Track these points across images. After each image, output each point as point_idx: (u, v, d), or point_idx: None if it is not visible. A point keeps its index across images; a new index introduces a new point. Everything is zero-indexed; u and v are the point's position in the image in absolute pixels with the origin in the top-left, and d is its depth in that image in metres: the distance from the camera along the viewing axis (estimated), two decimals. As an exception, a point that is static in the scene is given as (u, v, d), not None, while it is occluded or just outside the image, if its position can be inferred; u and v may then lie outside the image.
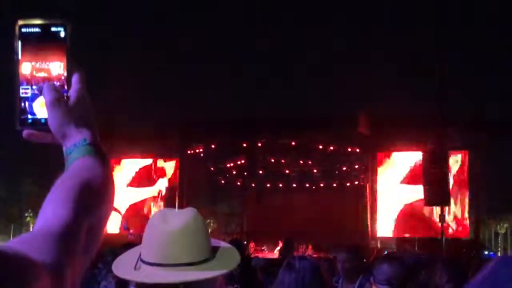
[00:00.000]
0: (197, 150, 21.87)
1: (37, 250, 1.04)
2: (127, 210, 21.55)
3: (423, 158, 17.02)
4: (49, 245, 1.08)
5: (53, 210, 1.18)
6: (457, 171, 18.49)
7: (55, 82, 1.32)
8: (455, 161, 18.23)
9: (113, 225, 21.41)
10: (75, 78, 1.33)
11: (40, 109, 1.31)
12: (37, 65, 1.32)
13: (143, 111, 18.48)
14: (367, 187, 20.36)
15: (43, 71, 1.32)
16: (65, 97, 1.31)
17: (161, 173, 21.91)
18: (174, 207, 18.45)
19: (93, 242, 1.23)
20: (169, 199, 19.97)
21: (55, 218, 1.15)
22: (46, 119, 1.29)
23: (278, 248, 18.75)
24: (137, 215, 20.86)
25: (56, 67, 1.33)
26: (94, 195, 1.25)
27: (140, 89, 17.63)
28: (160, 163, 22.15)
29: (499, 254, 18.27)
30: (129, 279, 1.87)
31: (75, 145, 1.31)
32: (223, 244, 2.04)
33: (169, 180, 20.94)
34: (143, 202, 21.75)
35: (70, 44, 1.33)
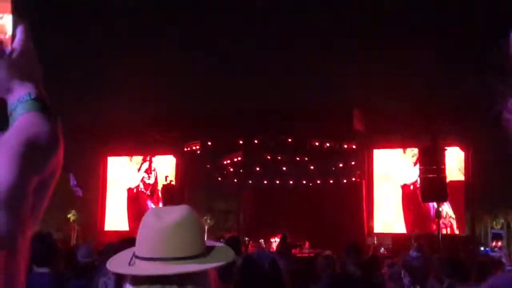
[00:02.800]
0: (194, 147, 21.90)
1: None
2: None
3: (419, 155, 17.08)
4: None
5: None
6: (453, 166, 18.53)
7: None
8: (451, 157, 18.26)
9: (123, 223, 21.54)
10: (19, 30, 1.27)
11: None
12: None
13: (140, 108, 18.37)
14: (363, 184, 20.42)
15: None
16: (8, 50, 1.26)
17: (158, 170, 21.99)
18: (171, 204, 18.44)
19: (40, 201, 1.20)
20: (166, 196, 19.99)
21: (1, 178, 1.11)
22: None
23: (274, 240, 18.81)
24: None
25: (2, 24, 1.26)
26: (40, 152, 1.21)
27: (137, 86, 17.54)
28: (157, 160, 22.21)
29: (495, 250, 18.29)
30: (123, 272, 1.88)
31: (19, 100, 1.26)
32: (218, 244, 2.06)
33: (166, 177, 20.97)
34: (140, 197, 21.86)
35: None
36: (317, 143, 20.75)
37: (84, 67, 18.58)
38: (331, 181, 23.25)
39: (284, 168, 23.36)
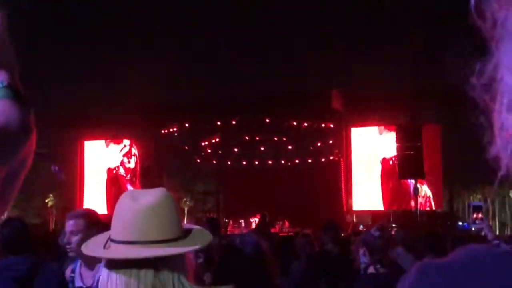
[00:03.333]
0: (171, 130, 21.82)
1: None
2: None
3: (396, 132, 17.18)
4: None
5: None
6: (430, 144, 18.67)
7: None
8: (428, 135, 18.40)
9: (102, 207, 21.41)
10: None
11: None
12: None
13: (117, 92, 18.25)
14: (342, 162, 20.51)
15: None
16: None
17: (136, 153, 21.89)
18: (149, 186, 18.41)
19: (11, 190, 1.18)
20: (144, 180, 19.92)
21: None
22: None
23: (254, 221, 18.88)
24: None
25: None
26: (10, 141, 1.17)
27: (115, 69, 17.46)
28: (135, 143, 22.10)
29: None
30: (97, 256, 1.87)
31: None
32: (195, 227, 2.04)
33: (144, 160, 20.88)
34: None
35: None
36: (294, 123, 20.78)
37: (64, 52, 18.39)
38: (310, 161, 23.34)
39: (263, 149, 23.39)
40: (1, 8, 1.23)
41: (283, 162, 23.98)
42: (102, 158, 22.09)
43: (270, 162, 23.99)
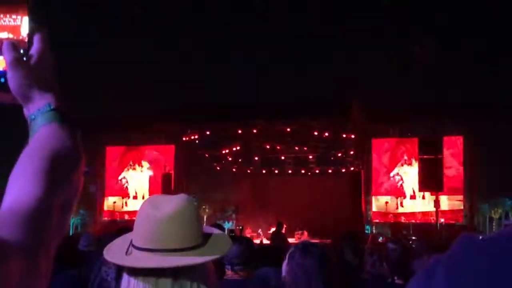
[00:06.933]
0: (192, 137, 21.88)
1: (6, 230, 1.00)
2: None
3: (417, 145, 17.09)
4: (20, 225, 1.04)
5: (22, 186, 1.12)
6: (452, 157, 18.55)
7: (15, 41, 1.23)
8: (450, 147, 18.28)
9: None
10: (37, 38, 1.24)
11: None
12: None
13: (138, 99, 18.38)
14: (362, 173, 20.42)
15: (3, 29, 1.24)
16: (26, 57, 1.22)
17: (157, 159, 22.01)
18: (170, 193, 18.46)
19: (67, 216, 1.18)
20: (164, 186, 19.98)
21: (25, 195, 1.09)
22: (5, 78, 1.21)
23: (271, 231, 18.85)
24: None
25: (18, 25, 1.24)
26: (65, 167, 1.19)
27: (137, 76, 17.60)
28: (156, 149, 22.21)
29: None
30: (120, 264, 1.88)
31: (39, 110, 1.23)
32: (216, 231, 2.05)
33: (165, 166, 20.97)
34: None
35: (33, 1, 1.24)
36: (316, 133, 20.72)
37: (85, 60, 18.60)
38: (330, 171, 23.26)
39: (283, 157, 23.36)
40: (42, 27, 1.25)
41: (303, 171, 23.92)
42: (123, 165, 22.28)
43: (290, 171, 23.95)
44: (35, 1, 1.24)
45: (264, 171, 24.18)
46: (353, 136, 20.62)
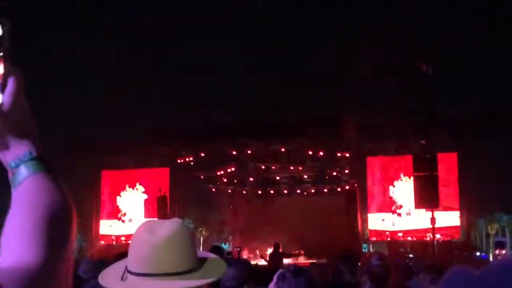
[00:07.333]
0: (187, 159, 21.89)
1: None
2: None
3: (412, 162, 17.12)
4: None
5: (24, 246, 1.06)
6: (447, 173, 18.56)
7: None
8: (445, 163, 18.30)
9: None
10: (11, 81, 1.14)
11: None
12: None
13: (133, 120, 18.36)
14: (357, 192, 20.41)
15: None
16: None
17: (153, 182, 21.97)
18: (165, 216, 18.43)
19: (69, 275, 1.12)
20: (159, 208, 19.92)
21: (30, 258, 1.04)
22: None
23: (269, 251, 18.81)
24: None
25: None
26: (62, 225, 1.13)
27: (130, 98, 17.60)
28: (151, 172, 22.17)
29: (490, 255, 18.34)
30: None
31: (20, 159, 1.16)
32: (211, 255, 2.05)
33: (160, 189, 20.91)
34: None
35: (7, 43, 1.15)
36: (310, 152, 20.76)
37: (78, 82, 18.62)
38: (326, 190, 23.26)
39: (278, 178, 23.36)
40: (17, 68, 1.17)
41: (298, 191, 23.92)
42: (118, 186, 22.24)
43: (285, 191, 23.94)
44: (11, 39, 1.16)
45: (259, 192, 24.17)
46: (347, 155, 20.65)
